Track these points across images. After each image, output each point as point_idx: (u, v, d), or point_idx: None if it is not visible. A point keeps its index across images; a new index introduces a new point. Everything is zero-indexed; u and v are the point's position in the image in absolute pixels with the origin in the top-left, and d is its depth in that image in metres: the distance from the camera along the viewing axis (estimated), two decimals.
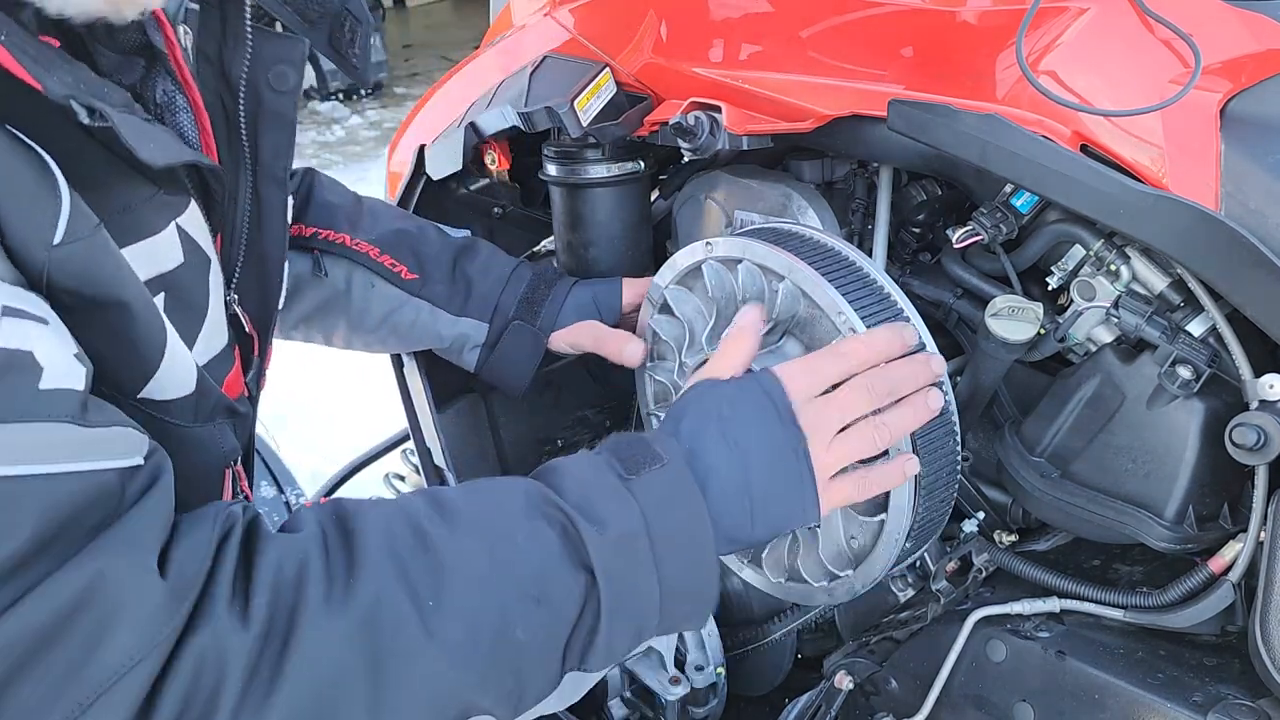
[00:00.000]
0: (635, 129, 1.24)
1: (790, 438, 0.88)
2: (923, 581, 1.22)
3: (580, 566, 0.78)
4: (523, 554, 0.77)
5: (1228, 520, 1.02)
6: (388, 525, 0.75)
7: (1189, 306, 0.99)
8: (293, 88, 0.92)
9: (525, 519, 0.79)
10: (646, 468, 0.84)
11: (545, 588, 0.77)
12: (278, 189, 0.95)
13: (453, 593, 0.73)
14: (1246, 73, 0.98)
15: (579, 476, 0.84)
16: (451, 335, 1.30)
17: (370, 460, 2.34)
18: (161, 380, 0.78)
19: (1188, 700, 0.97)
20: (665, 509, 0.82)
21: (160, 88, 0.86)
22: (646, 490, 0.82)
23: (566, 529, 0.79)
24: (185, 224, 0.84)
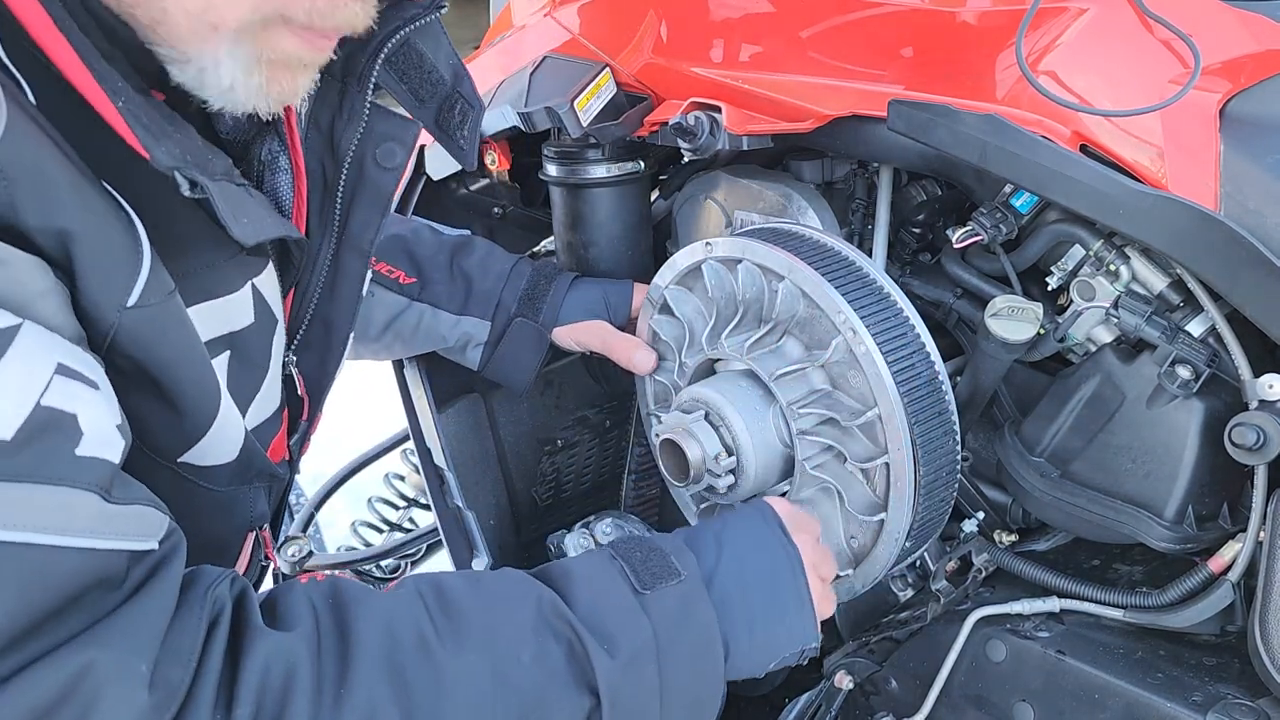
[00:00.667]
0: (635, 129, 1.24)
1: (788, 554, 0.91)
2: (923, 581, 1.22)
3: (585, 688, 0.77)
4: (527, 675, 0.75)
5: (1227, 520, 1.02)
6: (388, 628, 0.73)
7: (1188, 306, 0.99)
8: (398, 165, 0.92)
9: (533, 635, 0.77)
10: (662, 582, 0.83)
11: (546, 711, 0.75)
12: (359, 260, 0.95)
13: (450, 713, 0.71)
14: (1246, 73, 0.98)
15: (592, 586, 0.82)
16: (455, 335, 1.30)
17: (370, 460, 2.34)
18: (205, 448, 0.77)
19: (1187, 700, 0.97)
20: (677, 630, 0.81)
21: (267, 147, 0.87)
22: (660, 608, 0.81)
23: (574, 648, 0.77)
24: (260, 284, 0.84)
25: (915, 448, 0.97)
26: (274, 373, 0.89)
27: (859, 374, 0.99)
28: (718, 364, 1.13)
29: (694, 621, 0.82)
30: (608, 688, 0.76)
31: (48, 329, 0.61)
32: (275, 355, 0.89)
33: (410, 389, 1.45)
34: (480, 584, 0.80)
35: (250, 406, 0.86)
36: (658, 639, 0.80)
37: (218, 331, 0.79)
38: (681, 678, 0.81)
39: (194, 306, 0.75)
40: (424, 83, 0.95)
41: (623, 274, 1.36)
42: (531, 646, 0.76)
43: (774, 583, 0.88)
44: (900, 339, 0.99)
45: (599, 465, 1.63)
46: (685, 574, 0.84)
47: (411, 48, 0.92)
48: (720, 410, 1.04)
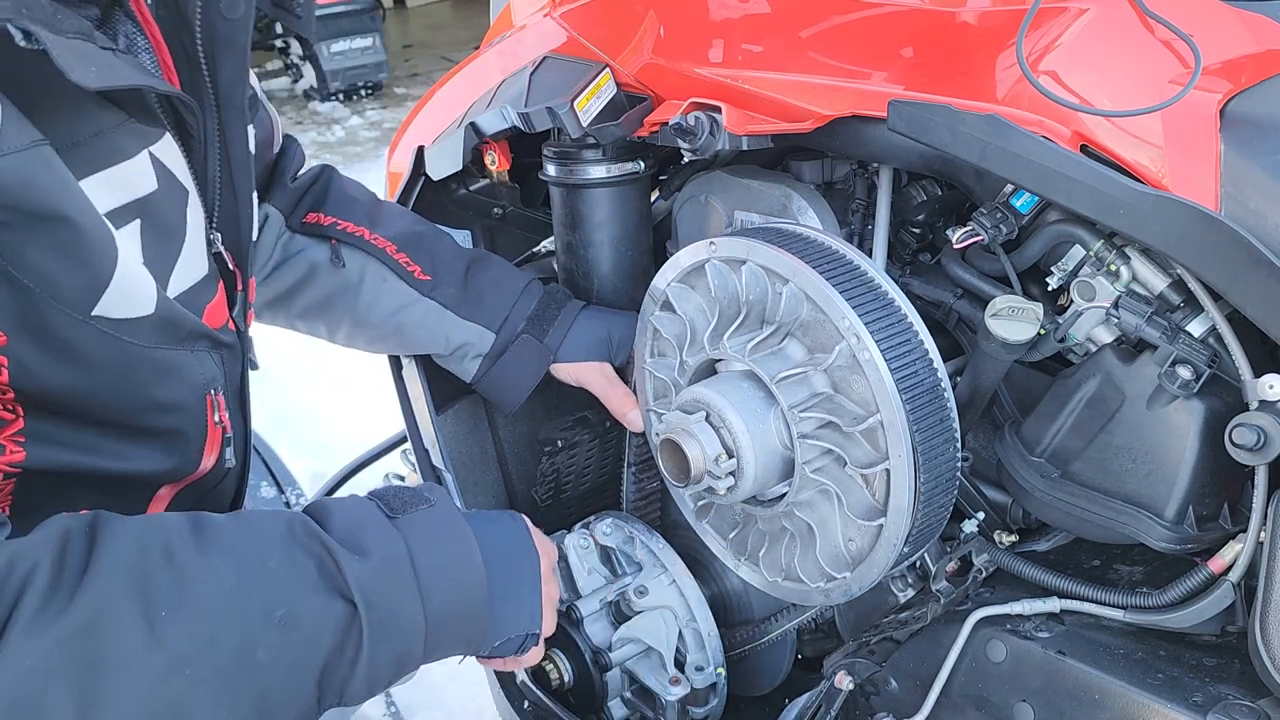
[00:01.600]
0: (635, 129, 1.24)
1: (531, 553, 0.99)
2: (923, 582, 1.22)
3: (338, 595, 0.79)
4: (273, 577, 0.77)
5: (1228, 520, 1.02)
6: (138, 537, 0.75)
7: (1189, 307, 0.99)
8: (243, 15, 0.94)
9: (281, 545, 0.80)
10: (413, 507, 0.89)
11: (295, 612, 0.77)
12: (238, 116, 0.98)
13: (190, 607, 0.73)
14: (1246, 73, 0.98)
15: (345, 513, 0.87)
16: (457, 341, 1.30)
17: (370, 461, 2.34)
18: (114, 298, 0.79)
19: (1188, 700, 0.97)
20: (430, 539, 0.87)
21: (123, 31, 0.89)
22: (412, 524, 0.87)
23: (324, 560, 0.80)
24: (159, 153, 0.86)
25: (916, 454, 0.97)
26: (193, 242, 0.92)
27: (861, 379, 0.99)
28: (719, 364, 1.13)
29: (448, 533, 0.89)
30: (360, 589, 0.79)
31: None
32: (193, 226, 0.92)
33: (409, 391, 1.45)
34: (238, 516, 0.85)
35: (173, 273, 0.89)
36: (410, 547, 0.85)
37: (123, 199, 0.82)
38: (442, 584, 0.85)
39: (91, 176, 0.78)
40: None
41: (623, 274, 1.36)
42: (279, 555, 0.79)
43: (514, 561, 0.95)
44: (904, 345, 0.98)
45: (599, 465, 1.63)
46: (436, 500, 0.91)
47: None
48: (721, 412, 1.04)
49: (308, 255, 1.30)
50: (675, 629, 1.32)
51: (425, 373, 1.42)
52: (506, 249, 1.64)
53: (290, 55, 8.74)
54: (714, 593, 1.39)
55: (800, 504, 1.07)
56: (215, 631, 0.73)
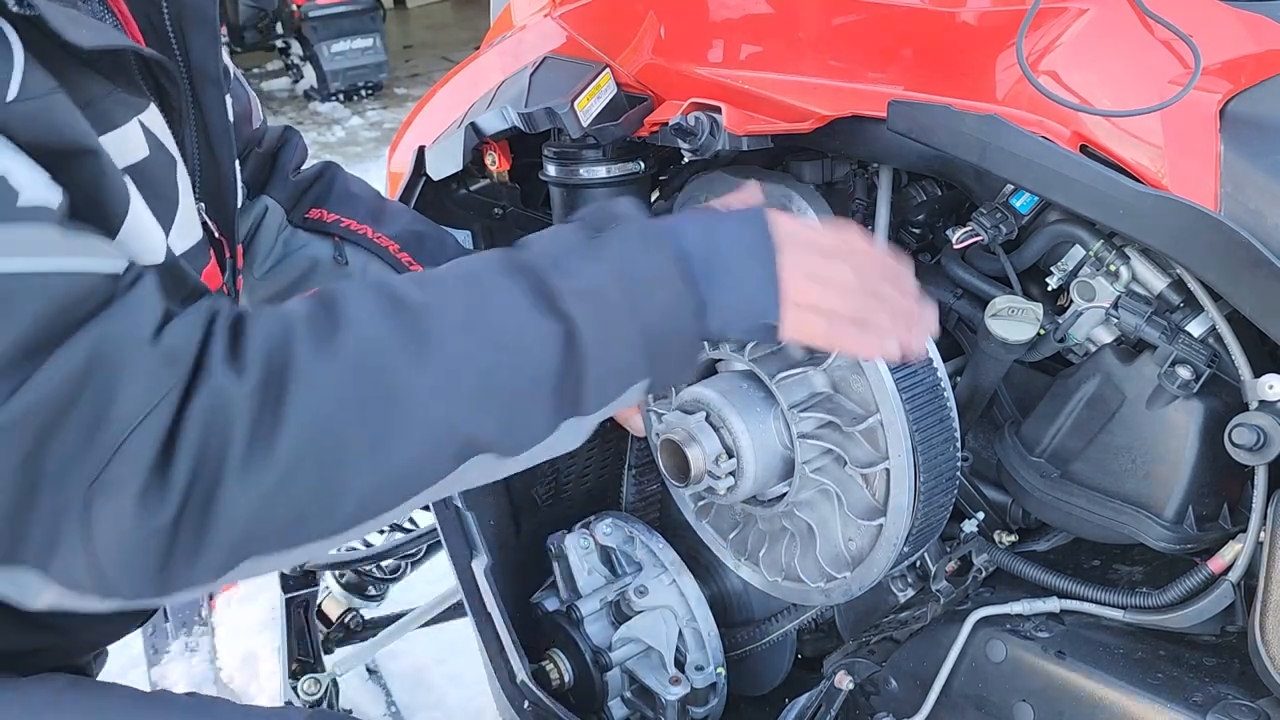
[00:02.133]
0: (635, 130, 1.24)
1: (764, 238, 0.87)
2: (922, 582, 1.22)
3: (553, 314, 0.79)
4: (495, 306, 0.79)
5: (1227, 520, 1.02)
6: (368, 290, 0.78)
7: (1188, 307, 0.99)
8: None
9: (496, 275, 0.81)
10: (614, 225, 0.86)
11: (519, 336, 0.79)
12: (214, 89, 0.98)
13: (434, 338, 0.76)
14: (1246, 73, 0.98)
15: (548, 238, 0.86)
16: None
17: None
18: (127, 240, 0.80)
19: (1187, 700, 0.97)
20: (635, 256, 0.84)
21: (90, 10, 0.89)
22: (613, 242, 0.84)
23: (536, 282, 0.80)
24: (147, 122, 0.87)
25: (916, 454, 0.97)
26: (185, 206, 0.93)
27: (861, 379, 0.99)
28: (719, 364, 1.13)
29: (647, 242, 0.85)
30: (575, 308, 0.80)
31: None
32: (183, 192, 0.93)
33: None
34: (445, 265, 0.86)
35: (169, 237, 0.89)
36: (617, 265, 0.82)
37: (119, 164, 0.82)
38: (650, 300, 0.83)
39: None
40: None
41: None
42: (496, 284, 0.81)
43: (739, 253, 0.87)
44: None
45: (599, 465, 1.63)
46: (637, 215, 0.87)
47: None
48: (721, 412, 1.04)
49: (309, 251, 1.30)
50: (675, 629, 1.32)
51: None
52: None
53: (290, 55, 8.74)
54: (714, 593, 1.39)
55: (800, 504, 1.07)
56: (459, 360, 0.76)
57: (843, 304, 0.89)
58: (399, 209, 1.36)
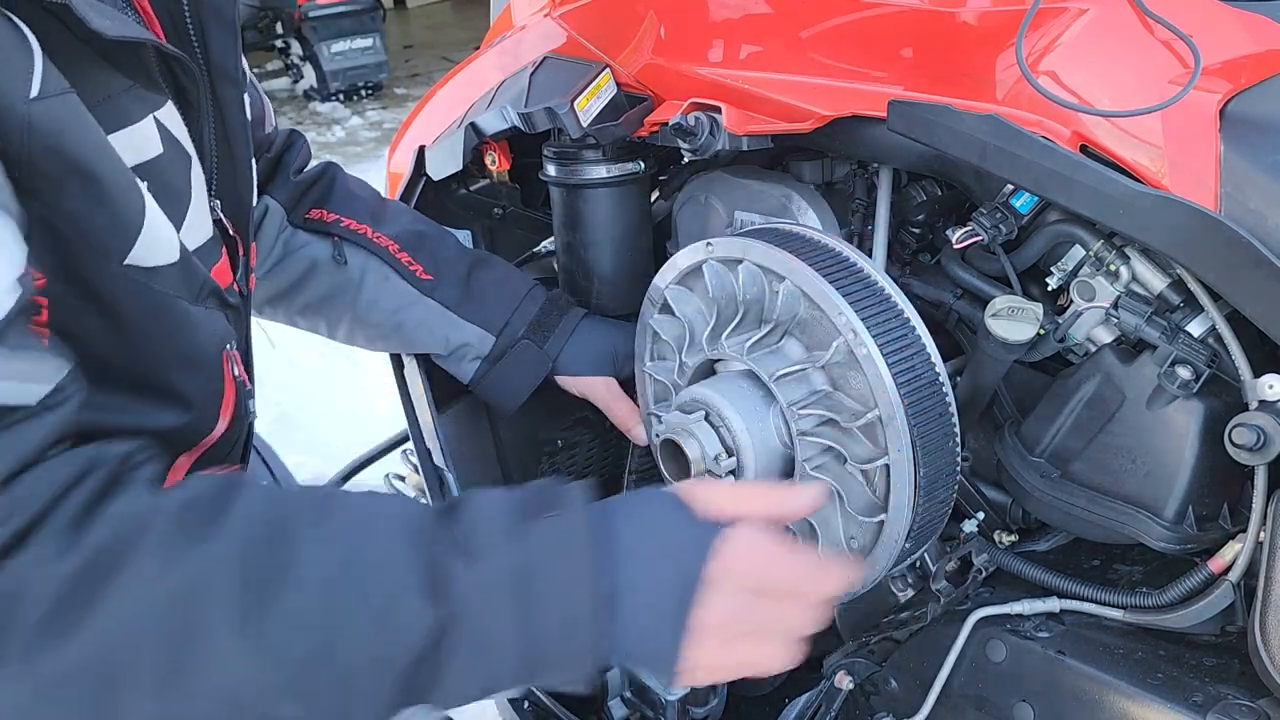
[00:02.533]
0: (635, 129, 1.24)
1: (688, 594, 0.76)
2: (923, 581, 1.22)
3: (436, 599, 0.72)
4: (376, 571, 0.72)
5: (1227, 520, 1.02)
6: (264, 506, 0.73)
7: (1188, 307, 0.99)
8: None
9: (397, 537, 0.74)
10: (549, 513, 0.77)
11: (390, 612, 0.72)
12: (233, 88, 0.98)
13: (287, 589, 0.70)
14: (1246, 73, 0.98)
15: (479, 509, 0.78)
16: (456, 341, 1.31)
17: (371, 460, 2.34)
18: (146, 245, 0.80)
19: (1187, 700, 0.97)
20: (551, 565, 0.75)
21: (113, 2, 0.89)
22: (536, 539, 0.76)
23: (435, 563, 0.73)
24: (163, 119, 0.87)
25: (915, 449, 0.97)
26: (198, 204, 0.93)
27: (859, 375, 0.99)
28: (718, 364, 1.13)
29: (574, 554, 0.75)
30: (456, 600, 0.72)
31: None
32: (196, 189, 0.93)
33: (410, 390, 1.45)
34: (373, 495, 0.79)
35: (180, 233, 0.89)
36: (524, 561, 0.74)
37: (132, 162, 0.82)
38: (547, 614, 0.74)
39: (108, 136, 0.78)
40: None
41: (623, 274, 1.36)
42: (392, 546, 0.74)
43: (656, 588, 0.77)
44: (901, 340, 0.99)
45: (599, 465, 1.63)
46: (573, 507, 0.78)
47: None
48: (720, 411, 1.04)
49: (309, 251, 1.30)
50: None
51: (427, 372, 1.43)
52: (506, 249, 1.64)
53: (290, 55, 8.75)
54: None
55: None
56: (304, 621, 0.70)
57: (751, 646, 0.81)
58: (399, 209, 1.37)
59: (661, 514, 0.80)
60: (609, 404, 1.32)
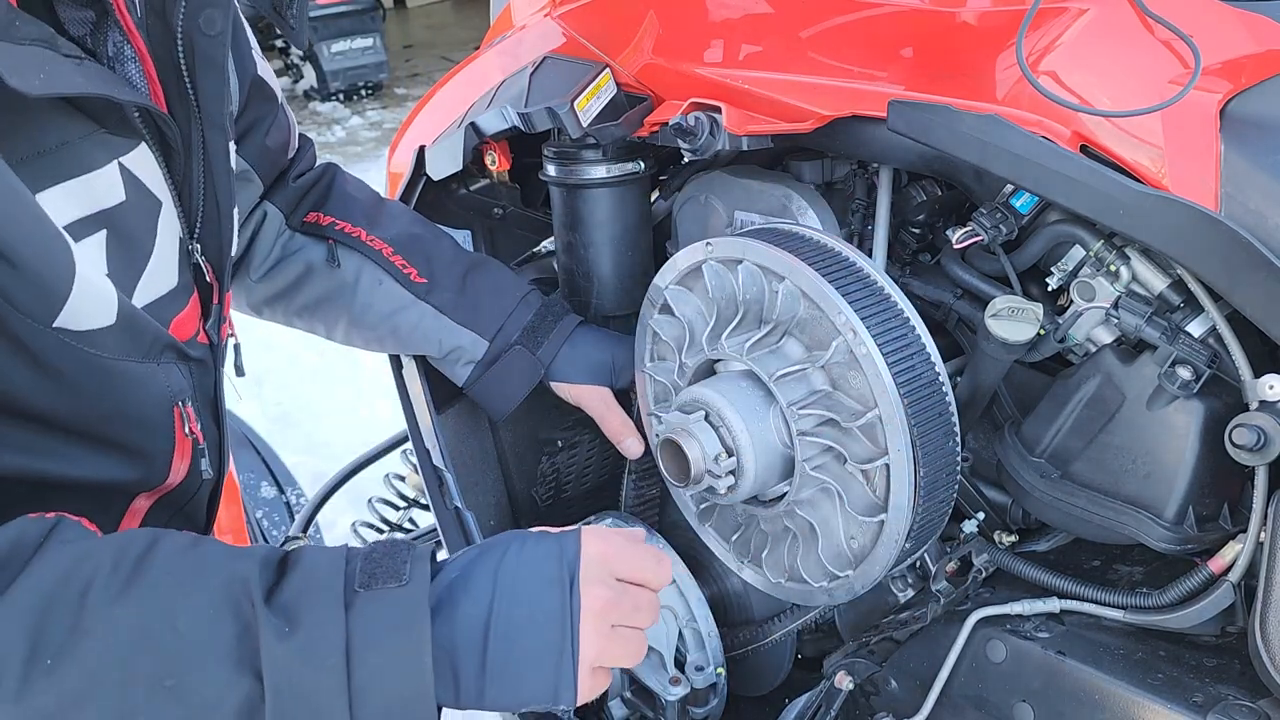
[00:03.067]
0: (635, 129, 1.24)
1: (564, 602, 0.79)
2: (923, 582, 1.22)
3: (247, 670, 0.70)
4: (180, 640, 0.70)
5: (1228, 521, 1.02)
6: (71, 564, 0.71)
7: (1189, 307, 0.99)
8: (220, 31, 0.94)
9: (208, 601, 0.72)
10: (382, 583, 0.76)
11: (190, 683, 0.69)
12: (220, 135, 0.98)
13: (76, 659, 0.68)
14: (1246, 73, 0.98)
15: (309, 572, 0.76)
16: (450, 344, 1.31)
17: (371, 461, 2.34)
18: (75, 310, 0.78)
19: (1188, 701, 0.97)
20: (380, 633, 0.73)
21: (111, 39, 0.89)
22: (367, 606, 0.74)
23: (249, 626, 0.71)
24: (130, 164, 0.86)
25: (915, 449, 0.97)
26: (164, 253, 0.91)
27: (859, 375, 0.99)
28: (718, 364, 1.13)
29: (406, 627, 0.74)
30: (273, 672, 0.70)
31: None
32: (164, 237, 0.91)
33: (409, 390, 1.45)
34: (197, 547, 0.76)
35: (139, 283, 0.88)
36: (350, 637, 0.72)
37: (87, 210, 0.81)
38: (380, 684, 0.73)
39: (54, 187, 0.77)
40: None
41: (623, 275, 1.36)
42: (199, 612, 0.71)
43: (532, 628, 0.78)
44: (900, 340, 0.99)
45: (599, 465, 1.63)
46: (411, 579, 0.76)
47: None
48: (720, 411, 1.04)
49: (305, 254, 1.30)
50: (675, 629, 1.32)
51: (425, 373, 1.43)
52: (506, 249, 1.64)
53: (290, 55, 8.75)
54: (714, 593, 1.39)
55: (801, 503, 1.07)
56: (92, 694, 0.68)
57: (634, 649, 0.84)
58: (397, 210, 1.36)
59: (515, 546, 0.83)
60: (602, 414, 1.32)
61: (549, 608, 0.79)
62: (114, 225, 0.84)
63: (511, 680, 0.78)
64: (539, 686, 0.78)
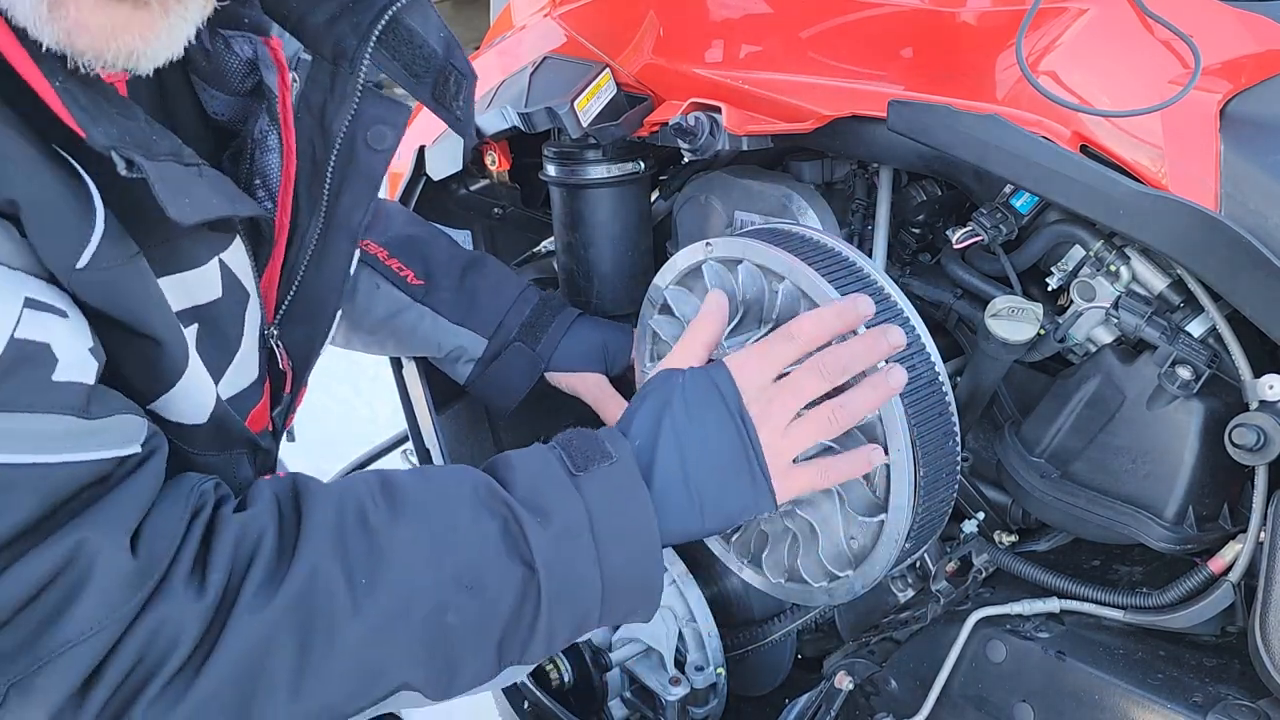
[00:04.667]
0: (635, 129, 1.24)
1: (739, 430, 0.90)
2: (923, 582, 1.22)
3: (519, 559, 0.81)
4: (462, 543, 0.80)
5: (1227, 520, 1.02)
6: (337, 504, 0.79)
7: (1189, 307, 0.99)
8: (388, 148, 0.94)
9: (469, 509, 0.82)
10: (595, 464, 0.86)
11: (481, 577, 0.79)
12: (347, 240, 0.96)
13: (386, 573, 0.76)
14: (1246, 73, 0.98)
15: (528, 469, 0.86)
16: (450, 345, 1.30)
17: (371, 460, 2.34)
18: (171, 404, 0.80)
19: (1187, 700, 0.97)
20: (611, 505, 0.85)
21: (258, 125, 0.90)
22: (593, 486, 0.85)
23: (509, 522, 0.81)
24: (228, 259, 0.86)
25: (915, 449, 0.97)
26: (249, 345, 0.92)
27: (859, 375, 0.99)
28: None
29: (628, 497, 0.86)
30: (542, 556, 0.81)
31: (10, 269, 0.65)
32: (249, 328, 0.91)
33: (409, 390, 1.45)
34: (424, 474, 0.86)
35: (224, 378, 0.89)
36: (591, 514, 0.84)
37: (184, 304, 0.82)
38: (617, 545, 0.84)
39: (162, 279, 0.78)
40: (417, 58, 0.96)
41: (624, 275, 1.36)
42: (467, 519, 0.81)
43: (719, 463, 0.90)
44: None
45: None
46: (617, 456, 0.87)
47: (401, 24, 0.92)
48: None
49: None
50: (675, 629, 1.32)
51: (426, 373, 1.42)
52: (506, 249, 1.64)
53: None
54: (714, 593, 1.39)
55: (801, 503, 1.07)
56: (410, 599, 0.77)
57: (821, 426, 0.93)
58: (393, 211, 1.36)
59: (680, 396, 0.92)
60: (600, 401, 1.31)
61: (729, 441, 0.90)
62: (206, 320, 0.84)
63: (718, 507, 0.89)
64: (743, 505, 0.90)
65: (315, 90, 0.91)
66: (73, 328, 0.68)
